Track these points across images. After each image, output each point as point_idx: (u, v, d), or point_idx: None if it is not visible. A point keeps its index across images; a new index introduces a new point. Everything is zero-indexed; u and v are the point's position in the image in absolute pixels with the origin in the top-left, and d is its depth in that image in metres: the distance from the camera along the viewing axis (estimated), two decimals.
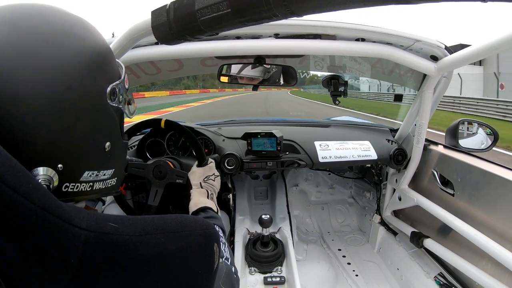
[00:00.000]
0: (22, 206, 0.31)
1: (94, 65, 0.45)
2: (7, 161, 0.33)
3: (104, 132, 0.48)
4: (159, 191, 1.27)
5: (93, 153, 0.46)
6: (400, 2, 0.35)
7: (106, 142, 0.47)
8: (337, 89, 1.46)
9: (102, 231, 0.38)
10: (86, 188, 0.46)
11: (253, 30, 1.07)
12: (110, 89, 0.47)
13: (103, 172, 0.48)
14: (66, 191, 0.43)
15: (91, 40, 0.45)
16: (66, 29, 0.43)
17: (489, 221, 1.14)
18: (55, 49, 0.41)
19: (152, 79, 1.64)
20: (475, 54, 0.95)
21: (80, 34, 0.44)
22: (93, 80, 0.44)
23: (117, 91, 0.48)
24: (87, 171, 0.45)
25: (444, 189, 1.37)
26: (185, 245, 0.45)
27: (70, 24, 0.44)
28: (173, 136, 1.68)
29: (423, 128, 1.39)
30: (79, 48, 0.43)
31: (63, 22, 0.44)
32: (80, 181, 0.45)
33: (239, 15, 0.42)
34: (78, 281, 0.35)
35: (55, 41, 0.41)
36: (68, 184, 0.43)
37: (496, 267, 1.09)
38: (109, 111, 0.48)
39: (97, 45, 0.46)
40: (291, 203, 2.02)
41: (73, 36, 0.43)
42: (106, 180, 0.50)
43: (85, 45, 0.44)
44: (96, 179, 0.47)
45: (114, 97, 0.48)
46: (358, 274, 1.72)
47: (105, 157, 0.48)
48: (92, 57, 0.45)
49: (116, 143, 0.50)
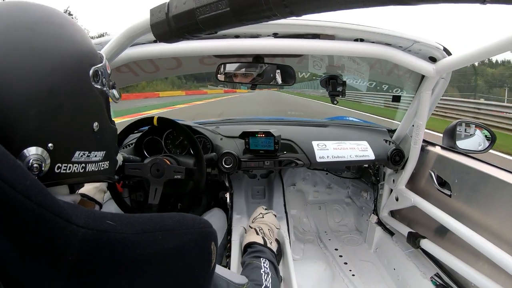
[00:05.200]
0: (19, 203, 0.31)
1: (75, 49, 0.46)
2: (4, 157, 0.33)
3: (91, 112, 0.49)
4: (159, 189, 1.28)
5: (82, 133, 0.47)
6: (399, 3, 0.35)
7: (94, 122, 0.48)
8: (335, 89, 1.46)
9: (100, 228, 0.38)
10: (78, 169, 0.46)
11: (252, 29, 1.07)
12: (92, 71, 0.48)
13: (94, 153, 0.49)
14: (59, 172, 0.44)
15: (69, 27, 0.48)
16: (45, 18, 0.45)
17: (485, 222, 1.14)
18: (38, 35, 0.43)
19: (151, 77, 1.64)
20: (474, 55, 0.95)
21: (59, 22, 0.47)
22: (76, 63, 0.46)
23: (99, 74, 0.50)
24: (77, 151, 0.46)
25: (441, 190, 1.37)
26: (183, 244, 0.45)
27: (48, 13, 0.47)
28: (171, 134, 1.68)
29: (420, 129, 1.39)
30: (60, 34, 0.45)
31: (42, 12, 0.46)
32: (72, 162, 0.45)
33: (238, 14, 0.42)
34: (76, 278, 0.35)
35: (37, 28, 0.43)
36: (60, 165, 0.44)
37: (493, 268, 1.09)
38: (94, 93, 0.49)
39: (76, 32, 0.48)
40: (288, 202, 2.02)
41: (53, 23, 0.46)
42: (98, 162, 0.50)
43: (65, 32, 0.46)
44: (88, 160, 0.48)
45: (97, 79, 0.49)
46: (355, 274, 1.73)
47: (95, 138, 0.49)
48: (73, 42, 0.47)
49: (104, 124, 0.51)
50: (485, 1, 0.32)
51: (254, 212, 1.33)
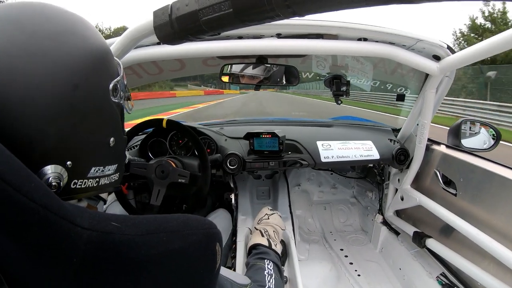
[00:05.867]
0: (24, 205, 0.31)
1: (97, 63, 0.45)
2: (9, 160, 0.33)
3: (109, 128, 0.49)
4: (162, 190, 1.28)
5: (99, 149, 0.47)
6: (402, 2, 0.35)
7: (110, 137, 0.48)
8: (339, 89, 1.46)
9: (104, 230, 0.38)
10: (92, 184, 0.47)
11: (255, 30, 1.07)
12: (112, 85, 0.48)
13: (108, 167, 0.49)
14: (74, 187, 0.44)
15: (92, 38, 0.46)
16: (68, 28, 0.44)
17: (491, 221, 1.13)
18: (61, 47, 0.41)
19: (154, 79, 1.65)
20: (478, 53, 0.95)
21: (82, 32, 0.45)
22: (98, 77, 0.45)
23: (118, 87, 0.49)
24: (93, 167, 0.46)
25: (446, 189, 1.37)
26: (187, 245, 0.45)
27: (71, 22, 0.45)
28: (175, 136, 1.69)
29: (425, 128, 1.39)
30: (83, 46, 0.44)
31: (65, 21, 0.44)
32: (88, 177, 0.46)
33: (241, 15, 0.42)
34: (81, 280, 0.35)
35: (60, 40, 0.42)
36: (77, 181, 0.44)
37: (498, 267, 1.08)
38: (113, 107, 0.49)
39: (98, 43, 0.47)
40: (293, 203, 2.02)
41: (76, 34, 0.44)
42: (110, 175, 0.51)
43: (88, 43, 0.45)
44: (102, 175, 0.48)
45: (116, 93, 0.49)
46: (360, 274, 1.72)
47: (110, 153, 0.49)
48: (96, 55, 0.45)
49: (119, 138, 0.51)
50: None
51: (260, 213, 1.33)
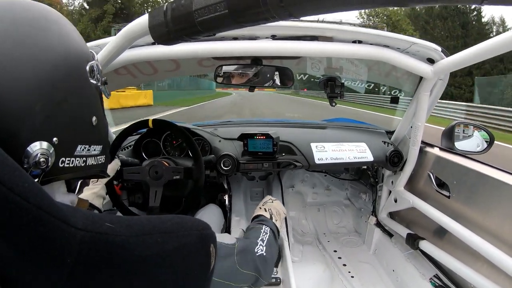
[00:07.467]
0: (17, 205, 0.31)
1: (73, 46, 0.48)
2: (3, 159, 0.33)
3: (91, 107, 0.50)
4: (158, 191, 1.27)
5: (83, 127, 0.48)
6: (396, 5, 0.36)
7: (93, 116, 0.50)
8: (334, 91, 1.46)
9: (98, 231, 0.38)
10: (80, 163, 0.47)
11: (250, 31, 1.07)
12: (89, 66, 0.50)
13: (93, 147, 0.50)
14: (63, 166, 0.45)
15: (65, 25, 0.49)
16: (43, 15, 0.46)
17: (484, 223, 1.14)
18: (39, 32, 0.44)
19: (149, 79, 1.64)
20: (472, 56, 0.95)
21: (56, 20, 0.48)
22: (75, 58, 0.48)
23: (94, 70, 0.51)
24: (79, 145, 0.47)
25: (439, 191, 1.38)
26: (182, 246, 0.46)
27: (45, 11, 0.48)
28: (169, 137, 1.68)
29: (419, 130, 1.40)
30: (59, 31, 0.47)
31: (39, 10, 0.47)
32: (75, 155, 0.46)
33: (236, 16, 0.42)
34: (74, 280, 0.35)
35: (38, 25, 0.44)
36: (64, 159, 0.45)
37: (491, 269, 1.09)
38: (92, 88, 0.51)
39: (70, 29, 0.50)
40: (287, 204, 2.02)
41: (51, 21, 0.47)
42: (97, 156, 0.52)
43: (62, 29, 0.48)
44: (88, 154, 0.49)
45: (93, 75, 0.51)
46: (354, 275, 1.73)
47: (94, 131, 0.50)
48: (70, 38, 0.48)
49: (101, 118, 0.53)
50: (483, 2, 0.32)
51: (264, 198, 1.28)
